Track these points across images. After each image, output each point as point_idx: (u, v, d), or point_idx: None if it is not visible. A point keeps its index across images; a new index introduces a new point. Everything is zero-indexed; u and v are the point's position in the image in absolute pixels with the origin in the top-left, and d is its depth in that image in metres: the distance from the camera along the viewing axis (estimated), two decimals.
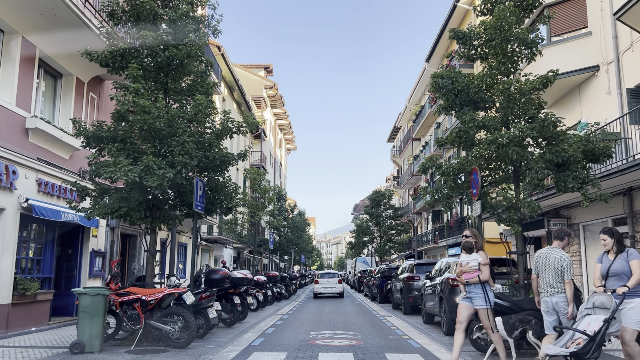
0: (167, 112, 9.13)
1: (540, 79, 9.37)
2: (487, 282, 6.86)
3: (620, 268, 5.88)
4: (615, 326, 5.68)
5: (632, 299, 5.74)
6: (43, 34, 10.99)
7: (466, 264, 6.89)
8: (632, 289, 5.74)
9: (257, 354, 8.26)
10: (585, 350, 5.31)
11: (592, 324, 5.64)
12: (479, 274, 6.79)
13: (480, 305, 6.79)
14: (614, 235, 6.01)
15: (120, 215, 9.28)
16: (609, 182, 11.02)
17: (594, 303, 5.83)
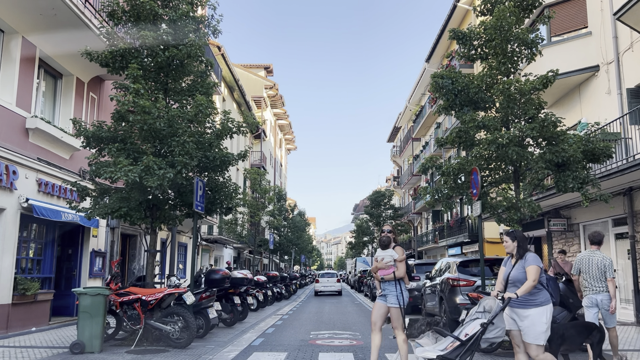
0: (167, 112, 9.13)
1: (540, 79, 9.37)
2: (402, 279, 6.47)
3: (516, 275, 5.36)
4: (493, 332, 5.21)
5: (528, 309, 5.22)
6: (43, 34, 10.99)
7: (381, 259, 6.51)
8: (529, 299, 5.23)
9: (257, 354, 8.26)
10: (453, 355, 4.98)
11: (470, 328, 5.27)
12: (394, 271, 6.41)
13: (393, 304, 6.38)
14: (516, 238, 5.48)
15: (121, 215, 9.28)
16: (609, 182, 11.03)
17: (484, 307, 5.43)
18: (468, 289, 10.24)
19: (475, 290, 9.69)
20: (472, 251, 24.04)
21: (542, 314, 5.18)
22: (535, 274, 5.18)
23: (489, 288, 10.18)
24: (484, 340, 5.22)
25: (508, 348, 8.48)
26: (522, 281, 5.23)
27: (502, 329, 5.29)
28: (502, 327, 5.30)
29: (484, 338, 5.19)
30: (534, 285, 5.16)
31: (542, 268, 5.28)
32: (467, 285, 10.51)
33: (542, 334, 5.18)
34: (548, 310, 5.23)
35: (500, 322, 5.30)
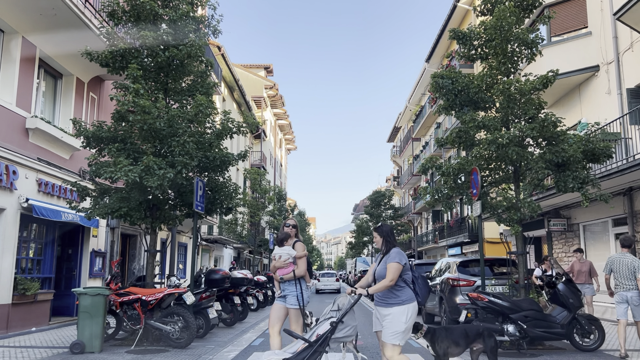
0: (167, 112, 9.13)
1: (541, 79, 9.37)
2: (303, 278, 6.03)
3: (380, 271, 5.05)
4: (343, 331, 4.96)
5: (389, 308, 4.94)
6: (43, 34, 10.99)
7: (278, 257, 6.03)
8: (391, 297, 4.96)
9: (258, 354, 8.26)
10: (300, 357, 4.70)
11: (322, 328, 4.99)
12: (293, 269, 5.96)
13: (292, 305, 5.92)
14: (383, 233, 5.15)
15: (121, 215, 9.28)
16: (609, 182, 11.04)
17: (338, 305, 5.14)
18: (468, 289, 10.24)
19: (475, 290, 9.69)
20: (472, 251, 24.05)
21: (402, 313, 4.88)
22: (394, 272, 4.87)
23: (489, 288, 10.20)
24: (334, 340, 4.95)
25: (508, 348, 8.49)
26: (384, 277, 4.93)
27: (352, 328, 5.03)
28: (353, 325, 5.04)
29: (334, 338, 4.94)
30: (390, 285, 4.86)
31: (406, 264, 4.98)
32: (467, 285, 10.52)
33: (399, 334, 4.87)
34: (410, 310, 4.91)
35: (352, 320, 5.02)
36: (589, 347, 8.31)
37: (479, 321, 8.29)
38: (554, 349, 8.71)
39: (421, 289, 5.06)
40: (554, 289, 8.69)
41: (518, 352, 8.29)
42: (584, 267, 10.98)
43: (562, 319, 8.35)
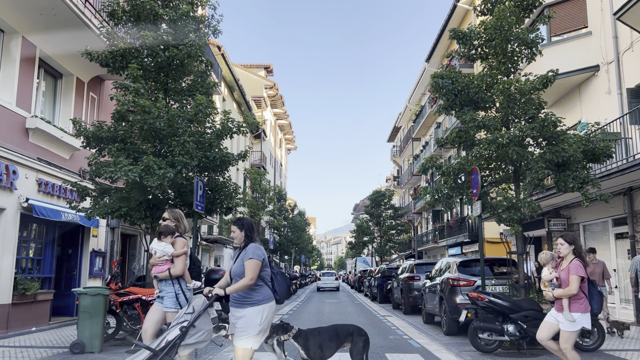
0: (167, 112, 9.14)
1: (541, 79, 9.37)
2: (182, 278, 5.49)
3: (236, 269, 4.59)
4: (195, 336, 4.55)
5: (243, 308, 4.51)
6: (43, 34, 10.99)
7: (154, 253, 5.48)
8: (245, 296, 4.51)
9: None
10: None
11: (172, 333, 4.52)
12: (169, 268, 5.40)
13: (168, 307, 5.35)
14: (243, 226, 4.66)
15: (121, 215, 9.28)
16: (609, 182, 11.03)
17: (193, 307, 4.72)
18: (468, 289, 10.23)
19: (476, 290, 9.69)
20: (472, 251, 24.04)
21: (257, 314, 4.45)
22: (253, 270, 4.40)
23: (489, 288, 10.19)
24: (184, 346, 4.48)
25: (508, 348, 8.49)
26: (241, 276, 4.47)
27: (206, 332, 4.62)
28: (207, 329, 4.63)
29: (184, 344, 4.46)
30: (250, 284, 4.43)
31: (264, 260, 4.55)
32: (467, 285, 10.51)
33: (252, 338, 4.45)
34: (266, 310, 4.50)
35: (205, 323, 4.62)
36: (589, 347, 8.31)
37: (479, 321, 8.29)
38: None
39: (280, 286, 4.67)
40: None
41: (518, 352, 8.29)
42: (597, 269, 10.31)
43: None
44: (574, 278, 5.40)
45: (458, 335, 10.41)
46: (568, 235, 5.66)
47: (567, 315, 5.47)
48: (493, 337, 8.18)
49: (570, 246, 5.58)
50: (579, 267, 5.46)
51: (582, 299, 5.47)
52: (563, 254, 5.62)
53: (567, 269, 5.52)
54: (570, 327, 5.47)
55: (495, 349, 8.26)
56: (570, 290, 5.42)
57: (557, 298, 5.57)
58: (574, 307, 5.47)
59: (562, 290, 5.51)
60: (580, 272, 5.44)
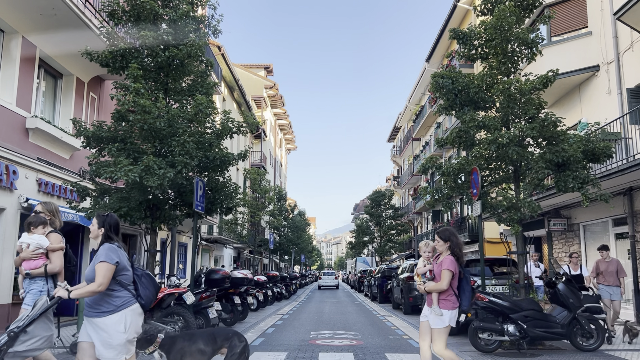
0: (168, 112, 9.14)
1: (541, 79, 9.37)
2: (56, 276, 5.03)
3: (88, 273, 4.14)
4: (27, 343, 4.09)
5: (101, 317, 4.00)
6: (43, 34, 10.98)
7: (26, 246, 4.95)
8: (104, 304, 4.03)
9: (258, 354, 8.26)
10: None
11: None
12: (45, 263, 4.95)
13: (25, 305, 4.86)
14: (104, 223, 4.22)
15: (121, 215, 9.27)
16: (609, 182, 11.03)
17: None
18: None
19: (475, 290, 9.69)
20: (472, 251, 24.03)
21: (119, 322, 3.98)
22: (103, 275, 3.94)
23: (489, 288, 10.19)
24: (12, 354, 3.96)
25: (509, 348, 8.49)
26: (93, 280, 4.01)
27: (43, 339, 4.16)
28: (45, 336, 4.18)
29: (13, 351, 3.93)
30: (99, 290, 3.94)
31: (120, 263, 4.08)
32: None
33: (119, 347, 3.95)
34: (128, 317, 4.04)
35: (42, 330, 4.16)
36: (589, 347, 8.30)
37: (479, 321, 8.29)
38: (554, 349, 8.71)
39: (145, 290, 4.20)
40: (554, 289, 8.69)
41: (518, 352, 8.29)
42: (610, 267, 9.78)
43: (562, 318, 8.35)
44: (446, 273, 5.25)
45: (458, 335, 10.40)
46: (444, 232, 5.48)
47: (435, 309, 5.32)
48: (493, 337, 8.19)
49: (446, 243, 5.40)
50: (451, 262, 5.30)
51: (451, 295, 5.31)
52: (439, 250, 5.50)
53: (440, 263, 5.38)
54: (438, 323, 5.30)
55: (495, 349, 8.26)
56: (441, 285, 5.27)
57: (428, 292, 5.41)
58: (443, 303, 5.32)
59: (433, 284, 5.36)
60: (451, 267, 5.28)
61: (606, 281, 9.77)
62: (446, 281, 5.25)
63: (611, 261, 9.86)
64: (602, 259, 9.96)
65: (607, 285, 9.74)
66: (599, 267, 9.96)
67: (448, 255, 5.36)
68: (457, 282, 5.37)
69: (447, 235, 5.43)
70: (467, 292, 5.44)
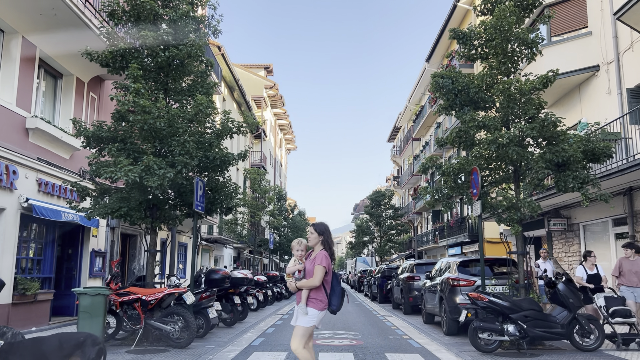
0: (168, 112, 9.13)
1: (541, 79, 9.37)
2: None
3: None
4: None
5: None
6: (43, 34, 10.97)
7: None
8: None
9: (258, 354, 8.26)
10: None
11: None
12: None
13: None
14: None
15: (121, 215, 9.28)
16: (609, 182, 11.03)
17: None
18: (468, 288, 10.24)
19: (476, 290, 9.69)
20: (472, 251, 24.04)
21: None
22: None
23: (489, 288, 10.19)
24: None
25: (508, 348, 8.49)
26: None
27: None
28: None
29: None
30: None
31: None
32: (467, 285, 10.51)
33: None
34: None
35: None
36: (589, 347, 8.30)
37: (479, 321, 8.29)
38: (554, 349, 8.71)
39: None
40: (554, 289, 8.69)
41: (518, 352, 8.29)
42: (635, 267, 9.04)
43: (562, 318, 8.36)
44: (319, 269, 4.96)
45: (458, 335, 10.41)
46: (319, 226, 5.23)
47: (302, 307, 5.04)
48: (493, 337, 8.19)
49: (320, 236, 5.13)
50: (325, 257, 5.02)
51: (322, 294, 5.04)
52: (312, 243, 5.18)
53: (313, 260, 5.07)
54: (304, 321, 5.04)
55: (495, 349, 8.26)
56: (313, 282, 4.98)
57: (300, 289, 5.10)
58: (312, 302, 5.04)
59: (305, 281, 5.06)
60: (324, 263, 4.99)
61: (629, 282, 9.04)
62: (319, 277, 4.96)
63: (636, 260, 9.11)
64: (626, 257, 9.21)
65: (631, 287, 9.00)
66: (622, 266, 9.21)
67: (322, 251, 5.08)
68: (330, 281, 5.10)
69: (322, 229, 5.18)
70: (337, 292, 5.16)
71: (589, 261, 9.72)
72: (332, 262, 5.12)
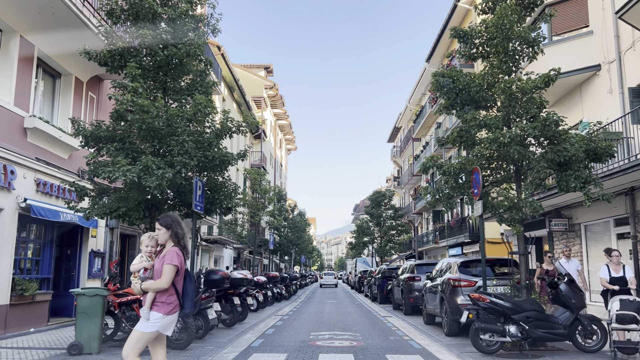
0: (166, 112, 9.07)
1: (543, 78, 9.31)
2: None
3: None
4: None
5: None
6: (42, 33, 10.92)
7: None
8: None
9: (257, 355, 8.20)
10: None
11: None
12: None
13: None
14: None
15: (119, 216, 9.22)
16: (611, 181, 10.95)
17: None
18: (469, 289, 10.17)
19: (477, 290, 9.63)
20: (472, 251, 23.98)
21: None
22: None
23: (491, 288, 10.12)
24: None
25: (510, 349, 8.42)
26: None
27: None
28: None
29: None
30: None
31: None
32: (469, 286, 10.44)
33: None
34: None
35: None
36: (591, 348, 8.24)
37: (480, 322, 8.23)
38: (556, 350, 8.65)
39: None
40: (556, 290, 8.62)
41: (520, 353, 8.23)
42: None
43: (564, 319, 8.29)
44: (168, 268, 4.33)
45: (459, 336, 10.35)
46: (165, 218, 4.57)
47: (144, 312, 4.37)
48: (495, 338, 8.12)
49: (168, 231, 4.50)
50: (176, 255, 4.40)
51: (172, 296, 4.42)
52: (162, 240, 4.54)
53: (162, 257, 4.44)
54: (143, 326, 4.37)
55: (497, 350, 8.19)
56: (161, 284, 4.33)
57: (145, 291, 4.43)
58: (159, 306, 4.38)
59: (151, 282, 4.41)
60: (175, 261, 4.37)
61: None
62: (167, 278, 4.32)
63: None
64: None
65: None
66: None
67: (172, 247, 4.47)
68: (181, 281, 4.50)
69: (169, 222, 4.53)
70: (190, 293, 4.56)
71: (613, 260, 8.80)
72: (185, 259, 4.54)
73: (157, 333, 4.42)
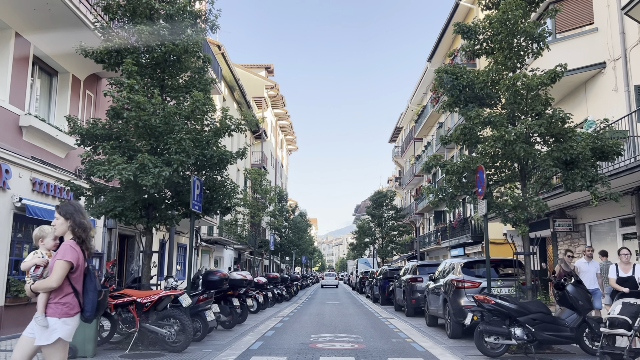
0: (163, 109, 8.89)
1: (548, 74, 9.11)
2: None
3: None
4: None
5: None
6: (38, 30, 10.74)
7: None
8: None
9: (256, 358, 8.01)
10: None
11: None
12: None
13: None
14: None
15: (115, 215, 9.05)
16: (617, 181, 10.75)
17: None
18: (473, 290, 9.98)
19: (481, 292, 9.43)
20: (474, 252, 23.77)
21: None
22: None
23: (495, 290, 9.93)
24: None
25: (516, 352, 8.23)
26: None
27: None
28: None
29: None
30: None
31: None
32: (472, 287, 10.25)
33: None
34: None
35: None
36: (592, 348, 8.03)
37: (485, 324, 8.03)
38: (562, 352, 8.45)
39: None
40: (563, 291, 8.41)
41: (526, 356, 8.03)
42: None
43: (572, 322, 8.08)
44: (60, 264, 3.76)
45: (463, 339, 10.15)
46: (64, 207, 4.01)
47: (38, 320, 3.79)
48: (500, 341, 7.93)
49: (67, 221, 3.94)
50: (70, 249, 3.83)
51: (69, 296, 3.85)
52: (59, 232, 3.99)
53: (56, 253, 3.89)
54: (43, 338, 3.78)
55: (502, 353, 8.00)
56: (49, 282, 3.77)
57: (36, 293, 3.86)
58: (52, 308, 3.81)
59: (41, 282, 3.86)
60: (68, 257, 3.80)
61: None
62: (56, 276, 3.76)
63: None
64: None
65: None
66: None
67: (68, 241, 3.91)
68: (81, 279, 3.94)
69: (70, 211, 3.97)
70: (92, 293, 3.96)
71: (622, 259, 8.57)
72: (86, 254, 3.99)
73: (62, 342, 3.84)
